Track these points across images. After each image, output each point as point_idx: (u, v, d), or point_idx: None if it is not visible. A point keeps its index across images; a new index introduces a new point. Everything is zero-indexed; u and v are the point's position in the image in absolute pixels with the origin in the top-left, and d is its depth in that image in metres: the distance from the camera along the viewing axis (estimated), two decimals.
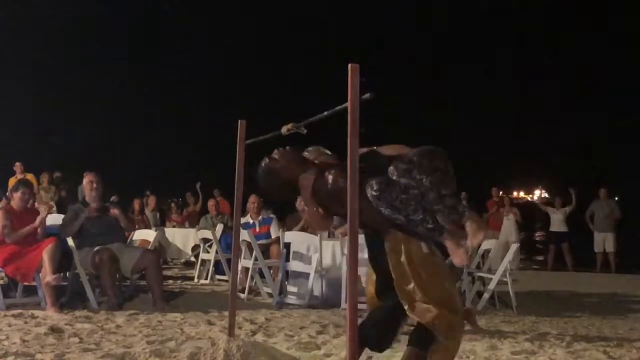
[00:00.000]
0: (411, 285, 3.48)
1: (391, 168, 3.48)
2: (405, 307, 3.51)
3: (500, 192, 16.37)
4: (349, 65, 2.82)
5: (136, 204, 12.71)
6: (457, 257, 3.43)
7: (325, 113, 3.30)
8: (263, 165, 3.83)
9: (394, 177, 3.45)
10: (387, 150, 3.71)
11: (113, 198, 10.23)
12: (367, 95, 2.85)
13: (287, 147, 3.85)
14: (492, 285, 7.40)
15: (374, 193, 3.39)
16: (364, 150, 3.73)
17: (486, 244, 8.29)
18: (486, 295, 7.41)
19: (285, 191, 3.86)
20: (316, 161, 3.77)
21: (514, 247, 8.32)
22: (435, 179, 3.44)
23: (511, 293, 7.47)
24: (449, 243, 3.41)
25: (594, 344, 5.26)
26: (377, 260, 3.78)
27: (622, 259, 13.92)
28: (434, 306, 3.44)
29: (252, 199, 9.09)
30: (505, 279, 7.45)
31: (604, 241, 13.73)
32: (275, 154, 3.81)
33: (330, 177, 3.58)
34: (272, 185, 3.82)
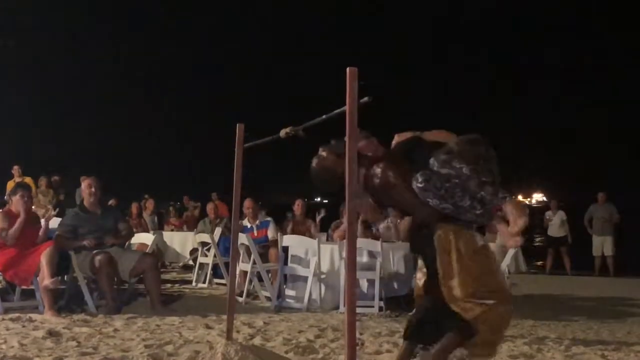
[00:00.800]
0: (456, 281, 3.49)
1: (432, 160, 3.50)
2: (452, 305, 3.52)
3: None
4: (347, 69, 2.82)
5: (134, 207, 12.70)
6: (511, 240, 3.44)
7: (324, 116, 3.30)
8: (315, 165, 3.88)
9: (435, 169, 3.48)
10: (431, 136, 3.73)
11: (111, 202, 10.24)
12: (365, 99, 2.84)
13: (332, 142, 3.87)
14: None
15: (420, 185, 3.45)
16: (408, 136, 3.76)
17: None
18: None
19: (337, 186, 3.76)
20: (368, 153, 3.78)
21: (512, 251, 8.30)
22: (476, 167, 3.45)
23: None
24: (502, 226, 3.42)
25: (592, 348, 5.25)
26: (425, 257, 3.81)
27: (621, 263, 13.92)
28: (486, 299, 3.47)
29: (247, 203, 9.08)
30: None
31: (603, 245, 13.74)
32: (323, 152, 3.84)
33: (378, 172, 3.61)
34: (328, 182, 3.83)
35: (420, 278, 4.02)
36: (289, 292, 7.96)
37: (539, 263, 16.44)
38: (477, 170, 3.46)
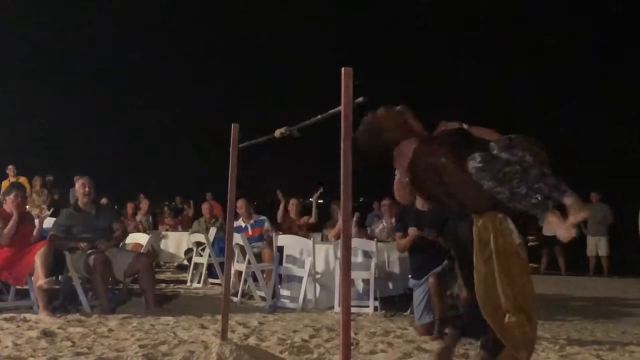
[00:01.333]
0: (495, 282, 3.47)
1: (492, 144, 3.41)
2: (482, 309, 3.49)
3: None
4: (343, 69, 2.82)
5: (129, 207, 12.68)
6: (565, 231, 3.36)
7: (319, 116, 3.30)
8: (367, 121, 3.77)
9: (495, 152, 3.38)
10: (478, 132, 3.66)
11: (103, 200, 10.21)
12: (360, 99, 2.84)
13: (398, 107, 3.79)
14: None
15: (478, 165, 3.35)
16: (455, 126, 3.71)
17: None
18: None
19: (380, 154, 3.78)
20: (415, 132, 3.74)
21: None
22: (538, 157, 3.38)
23: None
24: (555, 217, 3.34)
25: (586, 348, 5.26)
26: (460, 250, 3.78)
27: (615, 263, 13.95)
28: (512, 310, 3.42)
29: (240, 203, 9.07)
30: None
31: (597, 245, 13.77)
32: (382, 113, 3.76)
33: (432, 149, 3.57)
34: (369, 145, 3.74)
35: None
36: (284, 292, 7.96)
37: (534, 264, 16.45)
38: (539, 161, 3.37)
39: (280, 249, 8.04)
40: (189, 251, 10.80)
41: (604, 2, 38.93)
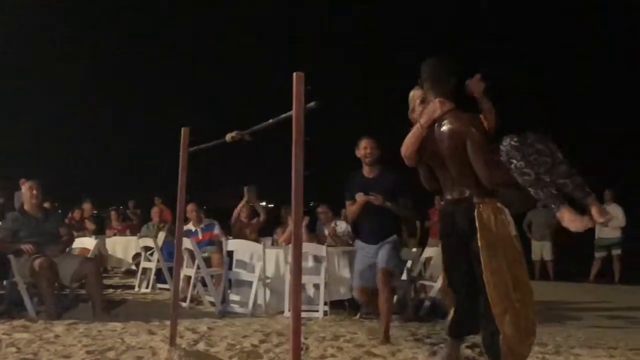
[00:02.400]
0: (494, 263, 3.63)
1: (528, 132, 3.55)
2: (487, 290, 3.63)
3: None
4: (294, 74, 2.83)
5: (76, 212, 12.51)
6: (579, 223, 3.47)
7: (270, 121, 3.30)
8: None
9: (531, 140, 3.53)
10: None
11: (46, 204, 10.05)
12: (312, 104, 2.85)
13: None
14: (433, 293, 7.48)
15: (514, 143, 3.50)
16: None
17: (428, 252, 8.39)
18: (427, 303, 7.50)
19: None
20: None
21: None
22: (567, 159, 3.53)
23: None
24: (568, 212, 3.45)
25: (532, 351, 5.34)
26: (452, 237, 3.94)
27: (561, 267, 14.20)
28: (513, 296, 3.63)
29: (190, 207, 9.03)
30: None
31: (542, 250, 14.02)
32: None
33: (464, 118, 3.79)
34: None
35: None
36: (234, 297, 7.93)
37: None
38: (568, 160, 3.53)
39: (230, 254, 8.01)
40: (137, 256, 10.70)
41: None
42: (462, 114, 3.79)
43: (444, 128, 3.85)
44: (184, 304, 7.60)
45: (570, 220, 3.48)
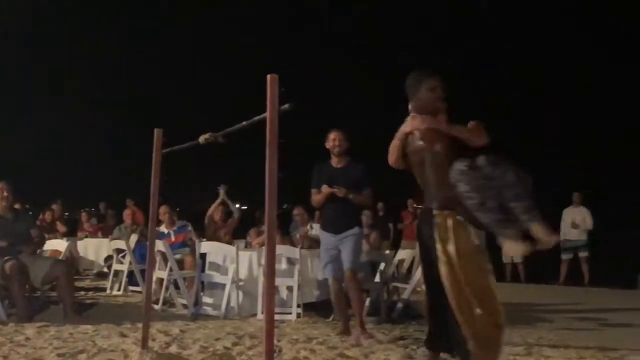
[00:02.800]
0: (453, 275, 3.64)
1: (482, 156, 3.60)
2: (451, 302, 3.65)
3: (415, 204, 16.64)
4: (268, 76, 2.83)
5: (47, 214, 12.40)
6: (518, 248, 3.54)
7: (244, 123, 3.30)
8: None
9: (480, 164, 3.57)
10: (457, 132, 3.89)
11: (16, 206, 9.95)
12: (286, 106, 2.85)
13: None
14: (406, 295, 7.51)
15: (462, 167, 3.56)
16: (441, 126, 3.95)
17: (401, 254, 8.42)
18: (400, 305, 7.52)
19: None
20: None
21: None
22: (521, 179, 3.54)
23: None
24: (507, 239, 3.49)
25: (502, 353, 5.39)
26: (422, 249, 3.98)
27: (532, 269, 14.30)
28: (476, 306, 3.62)
29: (163, 209, 8.99)
30: (420, 289, 7.56)
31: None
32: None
33: (433, 135, 3.87)
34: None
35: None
36: (206, 299, 7.90)
37: None
38: (520, 182, 3.53)
39: (203, 256, 7.99)
40: (109, 258, 10.63)
41: None
42: (431, 132, 3.89)
43: (412, 143, 4.01)
44: (156, 307, 7.56)
45: (507, 247, 3.56)
